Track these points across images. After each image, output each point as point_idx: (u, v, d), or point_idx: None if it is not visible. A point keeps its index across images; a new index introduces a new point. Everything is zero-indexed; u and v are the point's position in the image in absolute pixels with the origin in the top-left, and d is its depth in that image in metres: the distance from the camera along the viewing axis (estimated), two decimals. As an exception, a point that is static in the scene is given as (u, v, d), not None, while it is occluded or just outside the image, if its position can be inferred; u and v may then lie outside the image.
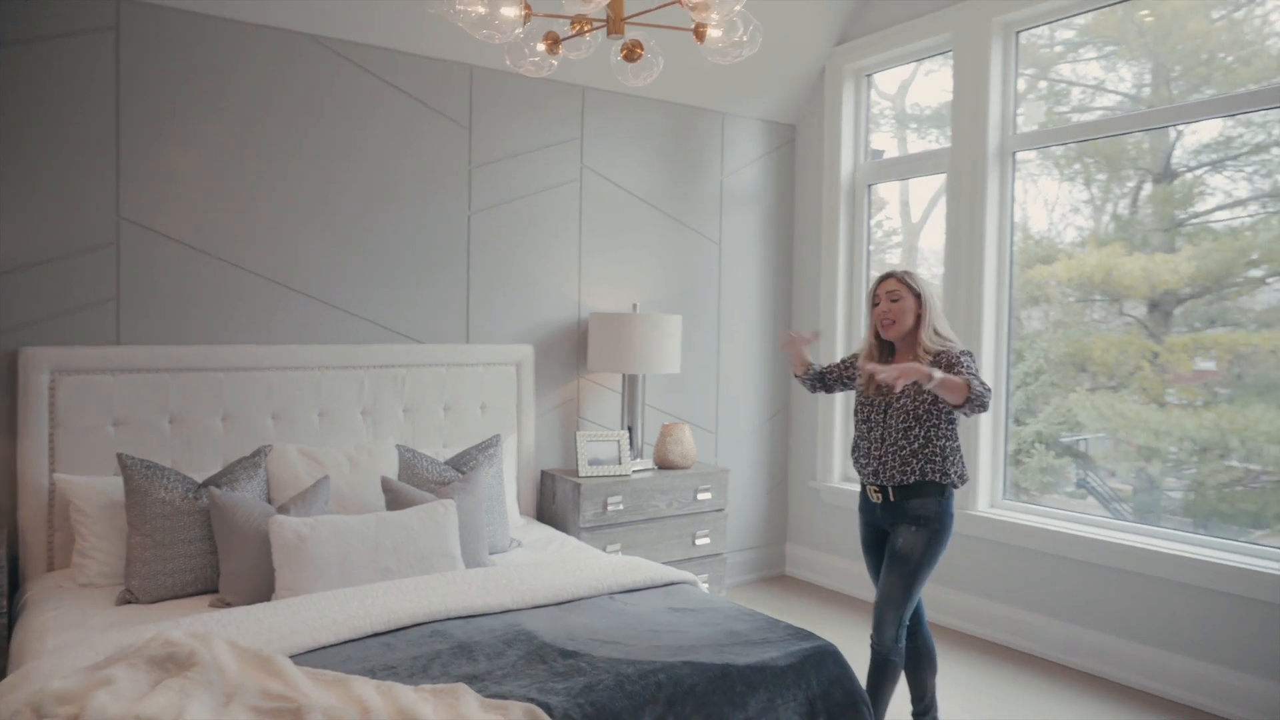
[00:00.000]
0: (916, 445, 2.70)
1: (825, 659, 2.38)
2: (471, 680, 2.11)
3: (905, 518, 2.74)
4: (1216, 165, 3.66)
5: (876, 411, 2.81)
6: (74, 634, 2.43)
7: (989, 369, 4.07)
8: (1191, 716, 3.26)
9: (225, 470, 2.99)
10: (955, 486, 2.75)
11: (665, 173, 4.55)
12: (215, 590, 2.81)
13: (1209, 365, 3.73)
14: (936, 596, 4.18)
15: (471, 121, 3.92)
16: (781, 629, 2.52)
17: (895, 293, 2.78)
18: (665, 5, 1.93)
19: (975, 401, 2.53)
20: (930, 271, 4.91)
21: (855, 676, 2.41)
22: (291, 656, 2.22)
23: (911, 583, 2.72)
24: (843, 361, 3.09)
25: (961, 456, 2.78)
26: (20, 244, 3.02)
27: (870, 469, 2.80)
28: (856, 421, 2.91)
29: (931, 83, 4.69)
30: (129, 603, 2.70)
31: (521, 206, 4.08)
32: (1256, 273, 3.53)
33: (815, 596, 4.64)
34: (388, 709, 1.90)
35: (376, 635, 2.39)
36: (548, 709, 1.95)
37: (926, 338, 2.74)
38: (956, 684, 3.50)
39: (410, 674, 2.15)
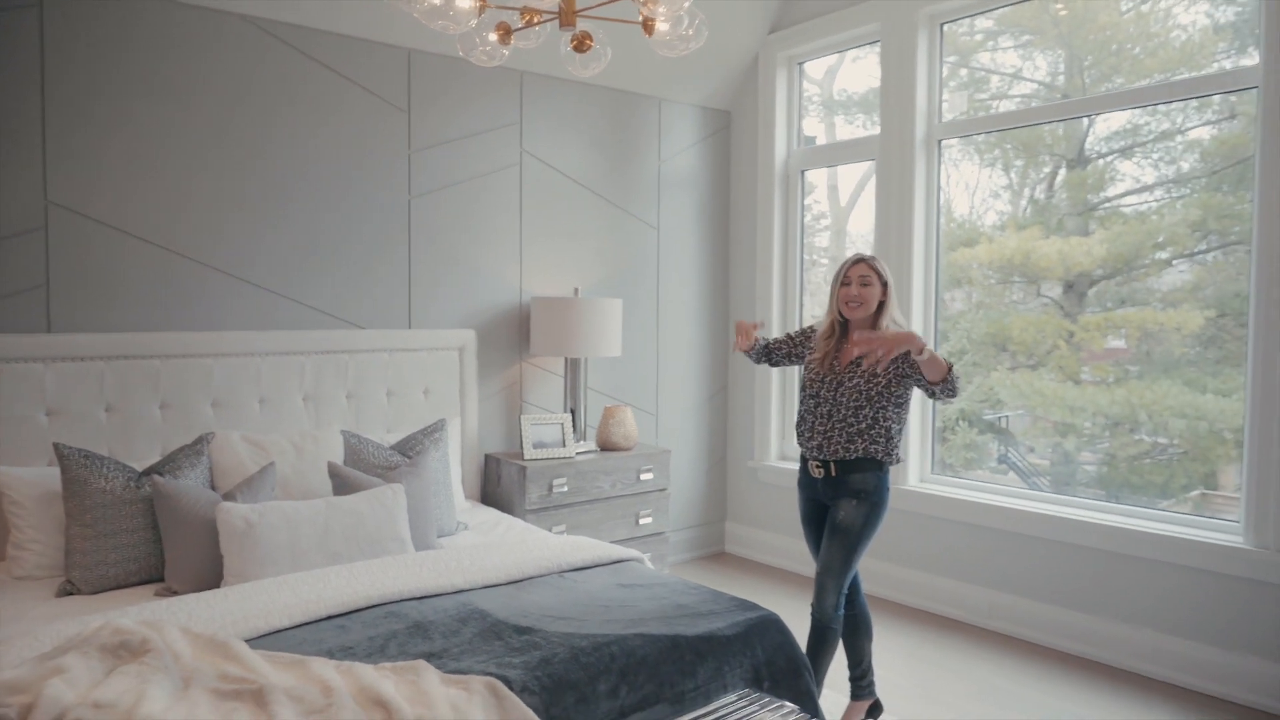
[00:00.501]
0: (864, 425, 2.81)
1: (769, 628, 2.49)
2: (429, 658, 2.15)
3: (846, 491, 2.85)
4: (1125, 152, 3.87)
5: (827, 389, 2.90)
6: (15, 627, 2.39)
7: (918, 349, 4.24)
8: (1104, 672, 3.49)
9: (167, 458, 2.95)
10: (893, 464, 2.89)
11: (603, 158, 4.60)
12: (160, 579, 2.78)
13: (1119, 344, 3.95)
14: (872, 569, 4.36)
15: (410, 105, 3.91)
16: (726, 600, 2.62)
17: (866, 277, 2.88)
18: (614, 0, 1.99)
19: (950, 384, 2.66)
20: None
21: (797, 644, 2.53)
22: (246, 641, 2.23)
23: (851, 553, 2.84)
24: (790, 337, 3.16)
25: (902, 438, 2.91)
26: (-58, 229, 2.92)
27: (815, 443, 2.89)
28: (804, 396, 2.98)
29: (859, 69, 4.83)
30: (70, 594, 2.66)
31: (462, 191, 4.09)
32: (1163, 255, 3.75)
33: (754, 572, 4.78)
34: (349, 687, 1.93)
35: (330, 618, 2.41)
36: (506, 682, 2.00)
37: (887, 323, 2.87)
38: (891, 651, 3.67)
39: (368, 654, 2.18)
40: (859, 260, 2.92)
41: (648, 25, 1.97)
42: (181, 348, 3.29)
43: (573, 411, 4.25)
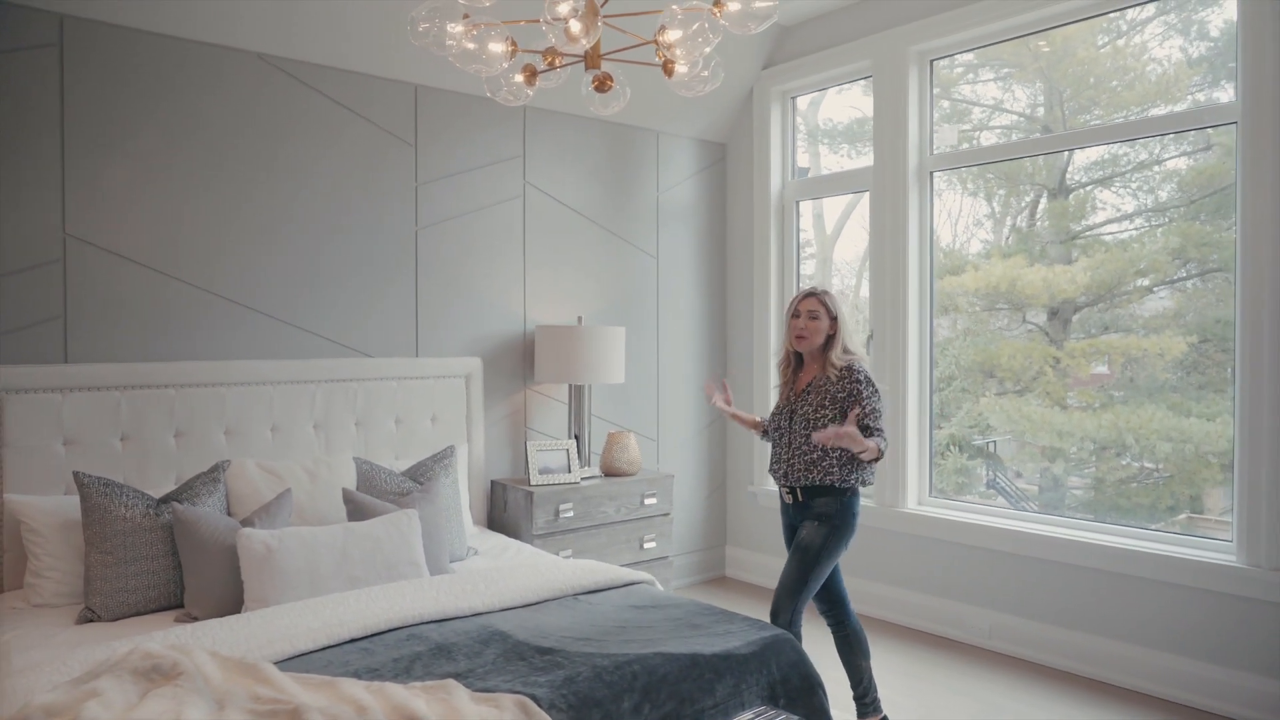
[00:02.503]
0: (816, 455, 2.95)
1: (783, 646, 2.55)
2: (455, 678, 2.20)
3: (810, 514, 2.98)
4: (1104, 181, 4.01)
5: (784, 418, 3.07)
6: (41, 653, 2.41)
7: (913, 375, 4.35)
8: (1103, 690, 3.56)
9: (185, 486, 2.99)
10: (861, 485, 2.98)
11: (604, 189, 4.71)
12: (179, 605, 2.81)
13: (1103, 369, 4.07)
14: (872, 591, 4.43)
15: (418, 139, 4.00)
16: (739, 621, 2.68)
17: (815, 312, 3.01)
18: (640, 45, 2.09)
19: (878, 459, 2.90)
20: (842, 282, 5.19)
21: (811, 662, 2.59)
22: (272, 664, 2.27)
23: (808, 572, 2.93)
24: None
25: (863, 464, 2.97)
26: (-35, 261, 2.97)
27: (781, 471, 3.05)
28: (770, 429, 3.15)
29: (843, 100, 4.98)
30: (90, 621, 2.69)
31: (468, 222, 4.18)
32: (1144, 282, 3.88)
33: (755, 595, 4.84)
34: (382, 706, 1.98)
35: (354, 640, 2.46)
36: (535, 700, 2.06)
37: (835, 356, 2.99)
38: (893, 671, 3.73)
39: (394, 675, 2.23)
40: (809, 295, 3.03)
41: (667, 68, 2.07)
42: (195, 377, 3.34)
43: (577, 438, 4.31)
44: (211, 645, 2.32)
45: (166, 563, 2.81)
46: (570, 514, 3.98)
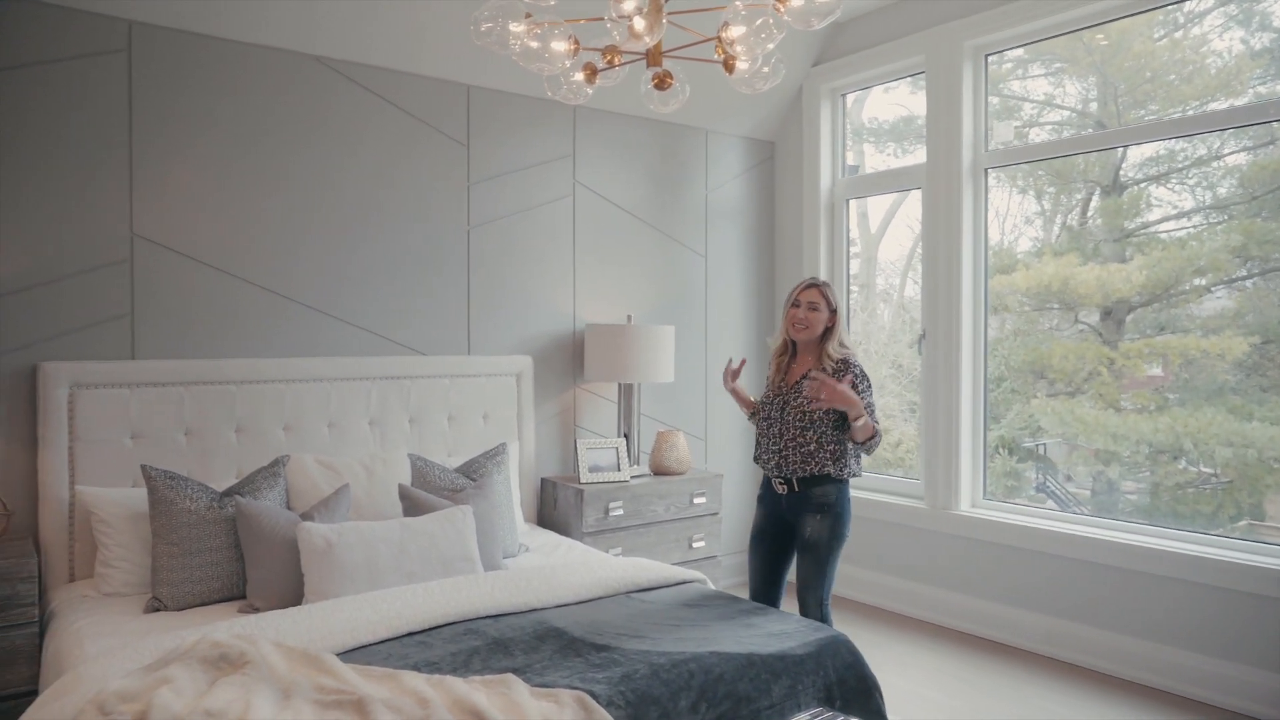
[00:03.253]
0: (812, 447, 3.00)
1: (839, 648, 2.53)
2: (513, 673, 2.22)
3: (809, 506, 3.02)
4: (1160, 178, 3.92)
5: (775, 409, 3.08)
6: (112, 640, 2.48)
7: (967, 375, 4.29)
8: (1164, 699, 3.48)
9: (246, 480, 3.06)
10: (852, 477, 3.04)
11: (653, 188, 4.72)
12: (241, 596, 2.88)
13: (1158, 371, 3.97)
14: (923, 594, 4.38)
15: (469, 139, 4.04)
16: (794, 621, 2.67)
17: (815, 303, 3.05)
18: (702, 42, 2.09)
19: (870, 447, 2.96)
20: (886, 282, 5.14)
21: (866, 664, 2.57)
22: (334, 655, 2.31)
23: (825, 566, 3.02)
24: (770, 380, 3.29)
25: (854, 455, 3.04)
26: (39, 261, 3.07)
27: (773, 463, 3.06)
28: (760, 418, 3.15)
29: (889, 99, 4.93)
30: (158, 610, 2.76)
31: (518, 221, 4.21)
32: (1202, 281, 3.78)
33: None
34: (443, 699, 2.00)
35: (412, 634, 2.49)
36: (593, 696, 2.07)
37: (832, 348, 3.04)
38: (948, 676, 3.68)
39: (453, 669, 2.25)
40: (811, 285, 3.08)
41: (729, 64, 2.07)
42: (255, 373, 3.41)
43: (626, 436, 4.32)
44: (275, 636, 2.36)
45: (229, 554, 2.87)
46: (620, 512, 3.99)
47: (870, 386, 3.02)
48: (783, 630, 2.56)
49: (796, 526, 3.07)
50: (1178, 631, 3.53)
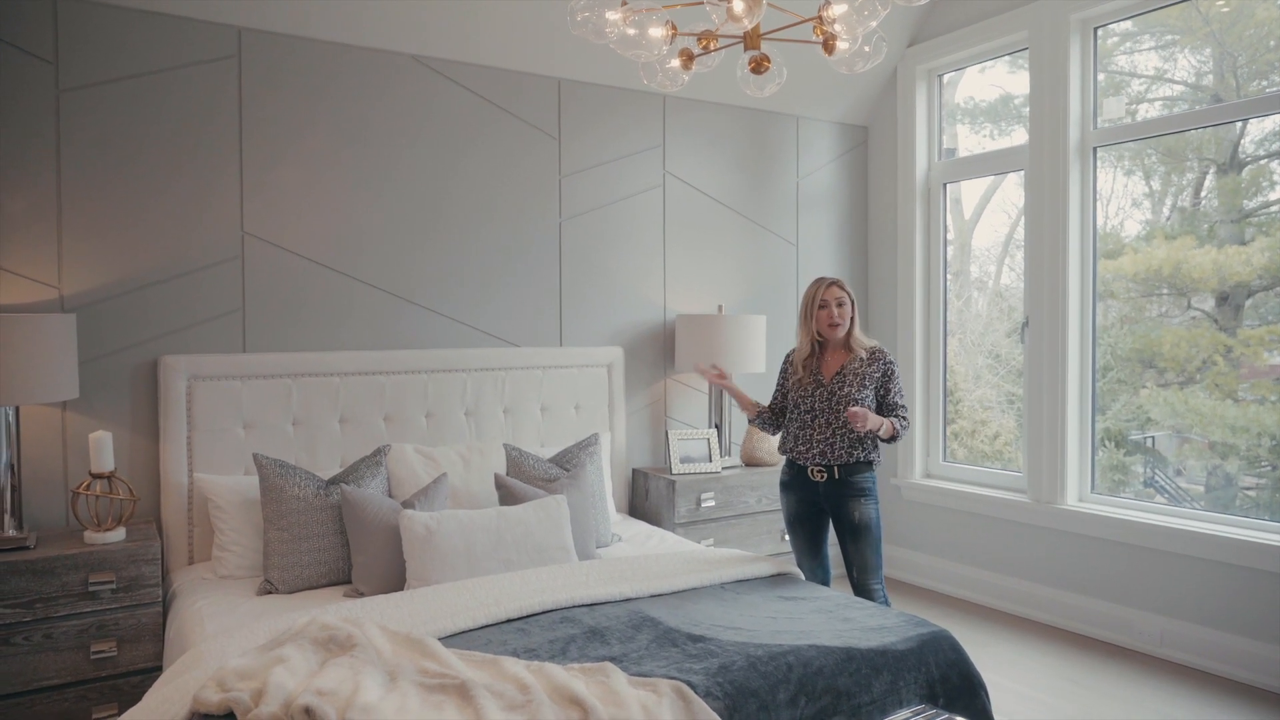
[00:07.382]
0: (857, 436, 3.13)
1: (942, 644, 2.46)
2: (610, 662, 2.23)
3: (851, 491, 3.15)
4: (1281, 154, 3.64)
5: (820, 401, 3.18)
6: (228, 619, 2.60)
7: (1074, 364, 4.11)
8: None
9: (350, 469, 3.16)
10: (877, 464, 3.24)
11: (743, 176, 4.66)
12: (348, 581, 2.97)
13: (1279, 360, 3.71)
14: (1026, 591, 4.22)
15: (560, 132, 4.07)
16: (894, 615, 2.61)
17: (841, 299, 3.20)
18: (801, 23, 2.04)
19: (891, 441, 3.16)
20: (980, 270, 4.95)
21: (971, 661, 2.49)
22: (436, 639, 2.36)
23: (878, 547, 3.19)
24: (781, 385, 3.39)
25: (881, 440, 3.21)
26: (159, 259, 3.23)
27: (816, 451, 3.16)
28: (799, 413, 3.23)
29: (985, 79, 4.73)
30: (269, 593, 2.88)
31: (609, 213, 4.22)
32: (1328, 263, 3.51)
33: (900, 592, 4.70)
34: (543, 686, 2.03)
35: (510, 621, 2.53)
36: (690, 687, 2.06)
37: (860, 339, 3.21)
38: (1056, 676, 3.54)
39: (551, 655, 2.28)
40: (831, 283, 3.21)
41: (829, 44, 2.02)
42: (357, 365, 3.52)
43: (717, 427, 4.30)
44: (380, 619, 2.43)
45: (335, 540, 2.97)
46: (711, 503, 3.97)
47: (898, 374, 3.22)
48: (881, 625, 2.51)
49: (838, 511, 3.19)
50: (1310, 636, 3.31)
